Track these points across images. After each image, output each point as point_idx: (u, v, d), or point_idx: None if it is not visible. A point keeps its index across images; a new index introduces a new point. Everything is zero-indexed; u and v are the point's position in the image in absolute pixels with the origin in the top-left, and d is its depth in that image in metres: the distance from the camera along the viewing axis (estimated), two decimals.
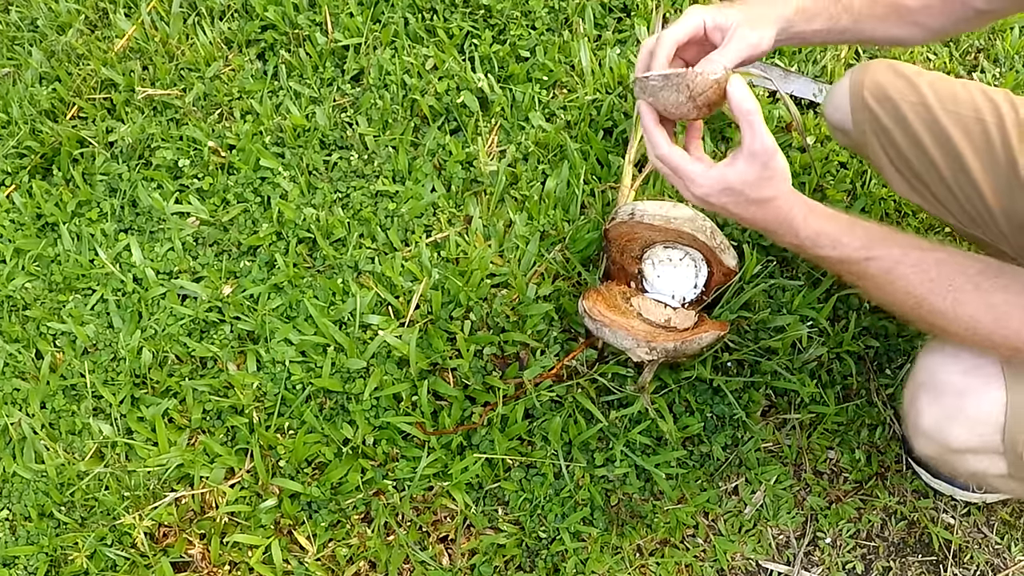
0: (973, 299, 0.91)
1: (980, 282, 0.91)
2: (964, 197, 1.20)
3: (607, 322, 1.35)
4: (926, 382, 1.03)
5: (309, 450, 1.46)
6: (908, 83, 1.24)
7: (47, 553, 1.44)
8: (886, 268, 0.95)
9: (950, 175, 1.20)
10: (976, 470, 1.05)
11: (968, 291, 0.91)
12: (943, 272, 0.92)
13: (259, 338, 1.56)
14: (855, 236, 0.96)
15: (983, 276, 0.91)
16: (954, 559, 1.42)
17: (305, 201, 1.69)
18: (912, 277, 0.94)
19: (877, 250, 0.96)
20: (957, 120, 1.19)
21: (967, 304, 0.91)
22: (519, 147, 1.70)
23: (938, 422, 1.01)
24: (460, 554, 1.42)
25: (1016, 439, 0.99)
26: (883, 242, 0.96)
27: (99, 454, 1.51)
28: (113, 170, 1.76)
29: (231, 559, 1.42)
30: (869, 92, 1.26)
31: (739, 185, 0.96)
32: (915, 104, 1.22)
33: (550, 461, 1.44)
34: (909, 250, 0.94)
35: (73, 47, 1.91)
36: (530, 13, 1.84)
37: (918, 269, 0.94)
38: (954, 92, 1.21)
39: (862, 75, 1.28)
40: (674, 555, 1.41)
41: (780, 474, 1.46)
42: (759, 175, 0.95)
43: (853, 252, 0.97)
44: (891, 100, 1.24)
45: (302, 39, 1.86)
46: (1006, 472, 1.03)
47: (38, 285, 1.67)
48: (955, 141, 1.18)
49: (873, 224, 0.98)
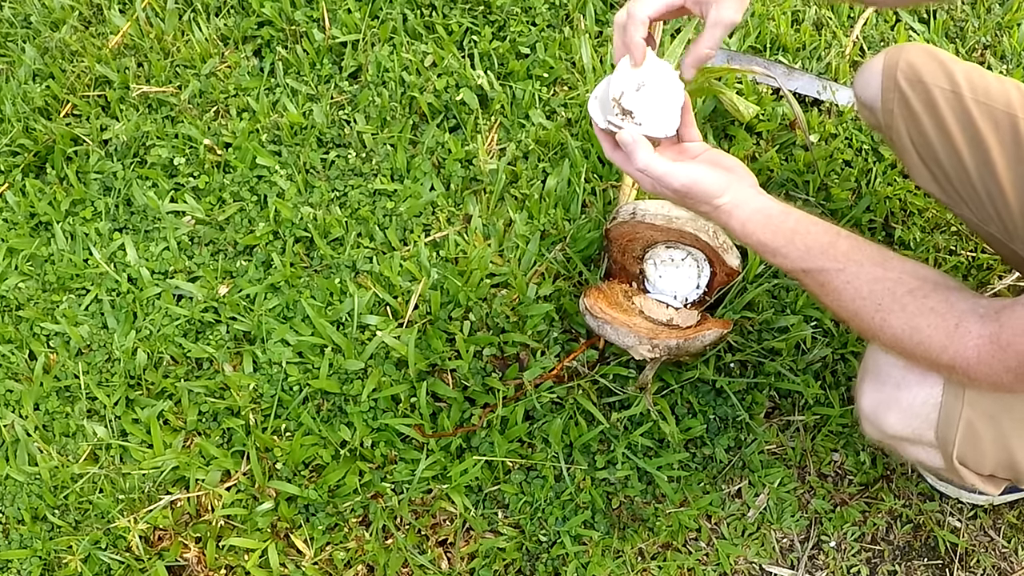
0: (899, 321, 0.94)
1: (907, 303, 0.93)
2: (984, 192, 1.19)
3: (608, 319, 1.34)
4: (871, 368, 1.07)
5: (306, 452, 1.45)
6: (943, 69, 1.22)
7: (40, 557, 1.43)
8: (820, 282, 0.98)
9: (973, 167, 1.19)
10: (919, 459, 1.10)
11: (895, 312, 0.94)
12: (874, 290, 0.95)
13: (255, 339, 1.55)
14: (794, 247, 0.99)
15: (912, 296, 0.93)
16: (960, 563, 1.40)
17: (302, 200, 1.67)
18: (844, 293, 0.97)
19: (814, 262, 0.98)
20: (988, 113, 1.18)
21: (893, 325, 0.94)
22: (519, 145, 1.69)
23: (876, 408, 1.06)
24: (459, 558, 1.41)
25: (947, 439, 1.02)
26: (822, 255, 0.98)
27: (93, 456, 1.50)
28: (107, 168, 1.75)
29: (227, 563, 1.42)
30: (902, 73, 1.24)
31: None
32: (946, 91, 1.21)
33: (550, 463, 1.43)
34: (847, 264, 0.97)
35: (67, 43, 1.89)
36: (530, 9, 1.83)
37: (851, 286, 0.96)
38: (987, 85, 1.20)
39: (897, 55, 1.26)
40: (676, 559, 1.40)
41: (784, 477, 1.45)
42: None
43: (790, 264, 0.99)
44: (923, 84, 1.22)
45: (299, 35, 1.85)
46: (943, 467, 1.07)
47: (31, 285, 1.66)
48: (983, 134, 1.17)
49: (819, 230, 0.99)
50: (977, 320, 0.90)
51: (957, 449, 1.03)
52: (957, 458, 1.04)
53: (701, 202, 1.01)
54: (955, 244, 1.57)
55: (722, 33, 1.04)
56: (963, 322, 0.91)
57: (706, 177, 1.00)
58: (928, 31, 1.79)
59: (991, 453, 1.03)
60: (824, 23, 1.82)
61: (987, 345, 0.89)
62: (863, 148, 1.65)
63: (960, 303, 0.92)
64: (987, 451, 1.03)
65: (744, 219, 1.00)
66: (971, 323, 0.90)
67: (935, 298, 0.93)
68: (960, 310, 0.91)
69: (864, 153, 1.65)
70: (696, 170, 1.00)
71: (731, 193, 1.00)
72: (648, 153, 1.00)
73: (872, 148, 1.65)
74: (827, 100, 1.70)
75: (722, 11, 1.03)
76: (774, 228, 1.00)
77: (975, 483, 1.09)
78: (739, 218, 1.00)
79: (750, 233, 1.00)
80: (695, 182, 0.99)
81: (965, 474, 1.06)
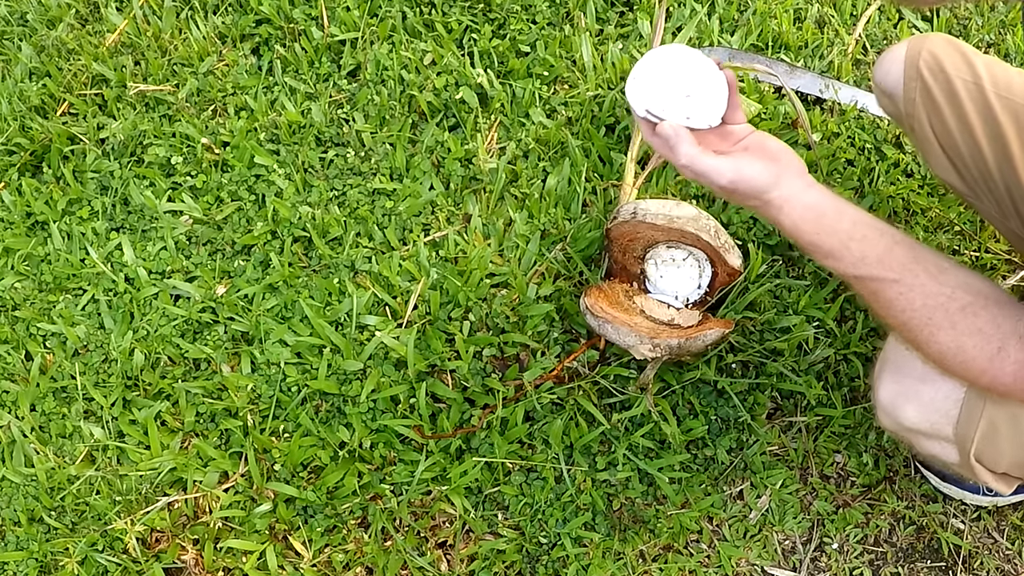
0: (947, 338, 0.93)
1: (957, 321, 0.92)
2: (1004, 186, 1.19)
3: (609, 318, 1.33)
4: (891, 359, 1.06)
5: (305, 453, 1.44)
6: (965, 61, 1.22)
7: (37, 559, 1.42)
8: (872, 290, 0.96)
9: (993, 161, 1.18)
10: (933, 452, 1.09)
11: (944, 329, 0.93)
12: (927, 304, 0.93)
13: (253, 339, 1.54)
14: (848, 252, 0.95)
15: (963, 314, 0.92)
16: (964, 565, 1.40)
17: (301, 199, 1.67)
18: (896, 304, 0.95)
19: (868, 270, 0.95)
20: (1008, 106, 1.17)
21: (940, 342, 0.94)
22: (519, 144, 1.68)
23: (894, 399, 1.06)
24: (459, 560, 1.41)
25: (966, 436, 1.02)
26: (878, 263, 0.94)
27: (90, 458, 1.49)
28: (104, 167, 1.74)
29: (225, 565, 1.41)
30: (925, 63, 1.23)
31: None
32: (968, 83, 1.20)
33: (551, 465, 1.42)
34: (902, 275, 0.94)
35: (63, 42, 1.88)
36: (531, 7, 1.82)
37: (903, 299, 0.94)
38: (1010, 78, 1.20)
39: (920, 45, 1.26)
40: (678, 561, 1.39)
41: (786, 478, 1.44)
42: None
43: (842, 268, 0.96)
44: (945, 74, 1.22)
45: (298, 34, 1.84)
46: (958, 462, 1.07)
47: (28, 285, 1.65)
48: (1004, 127, 1.16)
49: (875, 235, 0.95)
50: (1018, 343, 0.90)
51: (975, 446, 1.03)
52: (974, 455, 1.04)
53: (749, 197, 0.96)
54: (959, 244, 1.56)
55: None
56: (1005, 345, 0.90)
57: (753, 170, 0.95)
58: (931, 29, 1.78)
59: (1009, 452, 1.03)
60: (826, 21, 1.81)
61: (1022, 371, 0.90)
62: (866, 147, 1.64)
63: (1005, 324, 0.91)
64: (1005, 450, 1.03)
65: (797, 218, 0.95)
66: (1012, 347, 0.90)
67: (984, 317, 0.92)
68: (1004, 332, 0.91)
69: (867, 152, 1.64)
70: (742, 164, 0.95)
71: (780, 187, 0.95)
72: (691, 147, 0.95)
73: (875, 147, 1.64)
74: (829, 99, 1.69)
75: None
76: (828, 230, 0.95)
77: (988, 481, 1.08)
78: (790, 216, 0.95)
79: (802, 233, 0.96)
80: (742, 178, 0.95)
81: (979, 471, 1.06)
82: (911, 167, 1.62)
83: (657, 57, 1.00)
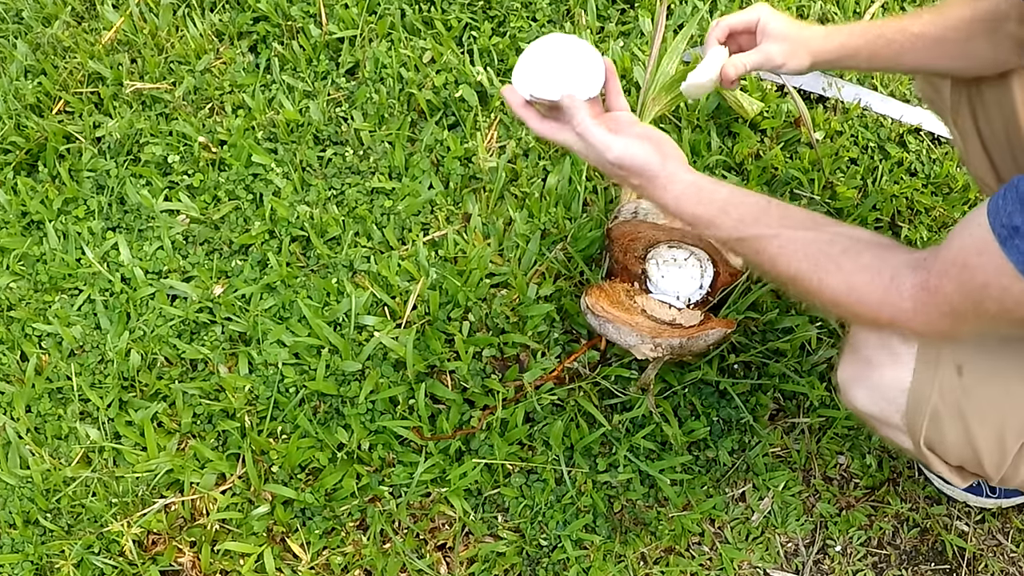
0: (835, 280, 0.95)
1: (843, 262, 0.94)
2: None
3: (610, 318, 1.32)
4: (851, 342, 1.07)
5: (303, 455, 1.43)
6: None
7: (32, 561, 1.42)
8: (756, 249, 1.00)
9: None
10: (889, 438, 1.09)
11: (831, 272, 0.95)
12: (809, 252, 0.97)
13: (251, 340, 1.53)
14: (727, 217, 1.01)
15: (846, 256, 0.94)
16: (968, 568, 1.39)
17: (298, 198, 1.66)
18: (780, 258, 0.98)
19: (748, 230, 1.00)
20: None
21: (830, 285, 0.95)
22: (519, 142, 1.68)
23: (848, 382, 1.07)
24: (458, 562, 1.40)
25: (915, 425, 1.02)
26: (755, 222, 1.00)
27: (86, 459, 1.48)
28: (100, 166, 1.73)
29: (222, 567, 1.40)
30: None
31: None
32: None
33: (551, 466, 1.41)
34: (780, 230, 0.99)
35: (59, 39, 1.87)
36: (531, 4, 1.81)
37: (786, 250, 0.98)
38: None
39: None
40: (679, 563, 1.38)
41: (789, 480, 1.43)
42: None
43: (724, 234, 1.02)
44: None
45: (296, 31, 1.83)
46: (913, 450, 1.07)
47: (23, 285, 1.64)
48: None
49: (751, 200, 1.02)
50: (910, 271, 0.90)
51: (924, 435, 1.03)
52: (925, 444, 1.04)
53: (634, 174, 1.04)
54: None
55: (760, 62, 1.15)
56: (897, 275, 0.91)
57: (640, 150, 1.03)
58: None
59: (955, 450, 1.02)
60: (829, 18, 1.79)
61: (919, 293, 0.89)
62: (869, 146, 1.63)
63: (893, 258, 0.93)
64: (951, 444, 1.02)
65: (677, 193, 1.03)
66: (904, 275, 0.90)
67: (868, 255, 0.94)
68: (893, 264, 0.92)
69: (870, 151, 1.63)
70: (630, 143, 1.03)
71: (666, 167, 1.03)
72: (587, 117, 1.04)
73: (878, 145, 1.63)
74: (832, 97, 1.68)
75: (772, 47, 1.15)
76: (707, 200, 1.03)
77: (942, 471, 1.08)
78: (672, 192, 1.04)
79: (684, 207, 1.04)
80: (631, 155, 1.03)
81: (933, 461, 1.06)
82: (915, 166, 1.61)
83: (536, 47, 1.12)
